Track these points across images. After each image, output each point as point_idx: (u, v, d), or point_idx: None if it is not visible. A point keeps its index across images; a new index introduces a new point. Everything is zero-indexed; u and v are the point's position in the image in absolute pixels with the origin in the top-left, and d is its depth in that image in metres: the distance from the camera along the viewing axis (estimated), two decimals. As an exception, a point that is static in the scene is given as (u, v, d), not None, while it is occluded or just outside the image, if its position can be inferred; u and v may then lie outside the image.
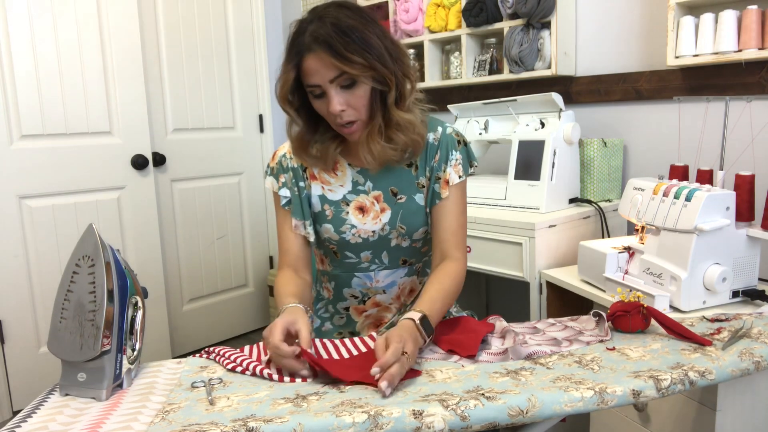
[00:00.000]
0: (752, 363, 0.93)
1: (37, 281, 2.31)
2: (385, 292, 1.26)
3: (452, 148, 1.19)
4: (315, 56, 1.02)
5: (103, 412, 0.85)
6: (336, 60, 1.01)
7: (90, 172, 2.41)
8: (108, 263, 0.90)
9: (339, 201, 1.20)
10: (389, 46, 1.07)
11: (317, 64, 1.03)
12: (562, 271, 1.65)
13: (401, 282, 1.26)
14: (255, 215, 3.08)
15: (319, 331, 1.32)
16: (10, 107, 2.19)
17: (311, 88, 1.06)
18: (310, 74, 1.04)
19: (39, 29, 2.23)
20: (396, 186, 1.20)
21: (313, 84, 1.05)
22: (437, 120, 1.23)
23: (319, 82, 1.04)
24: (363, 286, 1.25)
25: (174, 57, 2.68)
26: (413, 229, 1.21)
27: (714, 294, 1.27)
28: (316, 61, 1.02)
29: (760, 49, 1.53)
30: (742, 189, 1.30)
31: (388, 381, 0.85)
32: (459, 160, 1.19)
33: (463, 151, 1.20)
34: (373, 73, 1.05)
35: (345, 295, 1.27)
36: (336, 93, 1.05)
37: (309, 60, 1.03)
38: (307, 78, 1.05)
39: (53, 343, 0.89)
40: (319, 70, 1.03)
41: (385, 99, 1.09)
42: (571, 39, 2.03)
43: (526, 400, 0.81)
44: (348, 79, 1.04)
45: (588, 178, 1.91)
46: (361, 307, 1.28)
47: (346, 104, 1.06)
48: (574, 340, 1.04)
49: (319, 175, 1.21)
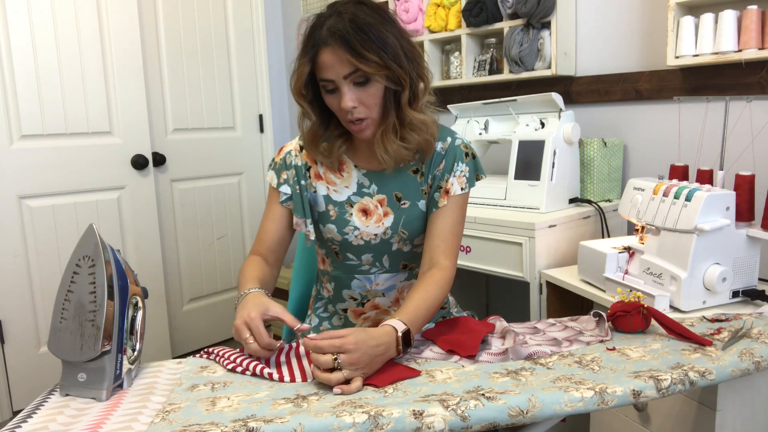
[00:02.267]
0: (752, 363, 0.93)
1: (37, 281, 2.31)
2: (385, 295, 1.26)
3: (459, 160, 1.18)
4: (331, 51, 1.03)
5: (103, 412, 0.85)
6: (351, 56, 1.01)
7: (90, 172, 2.41)
8: (108, 263, 0.90)
9: (343, 202, 1.20)
10: (405, 46, 1.07)
11: (332, 59, 1.03)
12: (562, 271, 1.65)
13: (401, 286, 1.26)
14: (255, 215, 3.08)
15: (317, 330, 1.31)
16: (10, 107, 2.19)
17: (324, 83, 1.07)
18: (325, 68, 1.05)
19: (39, 29, 2.23)
20: (400, 191, 1.20)
21: (326, 78, 1.06)
22: (448, 130, 1.22)
23: (333, 77, 1.05)
24: (362, 288, 1.25)
25: (174, 57, 2.68)
26: (414, 234, 1.21)
27: (714, 294, 1.27)
28: (331, 55, 1.03)
29: (760, 49, 1.53)
30: (742, 189, 1.30)
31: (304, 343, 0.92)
32: (464, 172, 1.18)
33: (470, 164, 1.20)
34: (388, 72, 1.05)
35: (344, 296, 1.27)
36: (349, 89, 1.05)
37: (324, 54, 1.03)
38: (322, 72, 1.06)
39: (53, 343, 0.89)
40: (333, 65, 1.03)
41: (398, 98, 1.09)
42: (571, 39, 2.03)
43: (527, 400, 0.81)
44: (362, 76, 1.04)
45: (588, 178, 1.91)
46: (359, 310, 1.28)
47: (358, 101, 1.06)
48: (574, 341, 1.04)
49: (325, 175, 1.21)
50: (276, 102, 3.21)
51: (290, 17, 3.20)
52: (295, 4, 3.15)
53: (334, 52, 1.02)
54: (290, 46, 3.23)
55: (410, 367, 0.95)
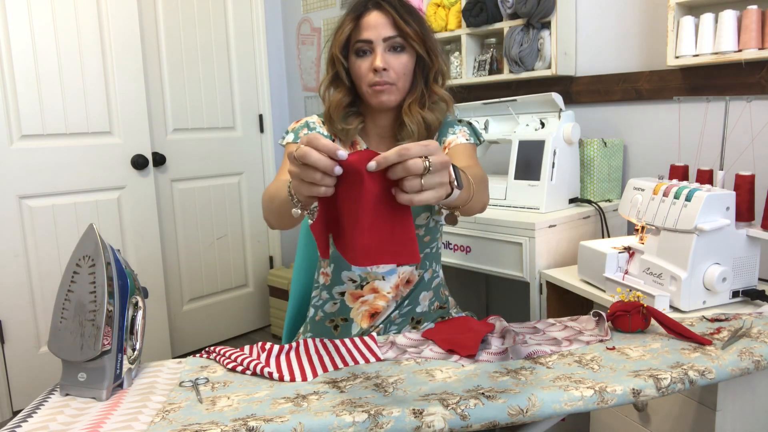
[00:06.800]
0: (752, 362, 0.93)
1: (37, 281, 2.32)
2: (385, 278, 1.27)
3: (453, 125, 1.27)
4: (379, 12, 1.13)
5: (103, 411, 0.85)
6: (399, 20, 1.12)
7: (90, 172, 2.41)
8: (108, 263, 0.90)
9: None
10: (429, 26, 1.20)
11: (379, 20, 1.12)
12: (562, 271, 1.65)
13: (401, 270, 1.27)
14: (255, 215, 3.08)
15: (312, 321, 1.32)
16: (10, 107, 2.20)
17: (361, 44, 1.14)
18: (368, 28, 1.13)
19: (39, 29, 2.23)
20: None
21: (365, 39, 1.13)
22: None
23: (373, 37, 1.13)
24: (363, 270, 1.27)
25: (174, 57, 2.68)
26: (417, 212, 1.24)
27: (714, 294, 1.27)
28: (379, 17, 1.13)
29: (760, 49, 1.53)
30: (742, 189, 1.30)
31: (378, 160, 0.69)
32: (464, 130, 1.26)
33: (466, 125, 1.29)
34: (423, 46, 1.15)
35: (343, 278, 1.28)
36: (383, 51, 1.14)
37: (372, 15, 1.13)
38: (363, 32, 1.13)
39: (53, 343, 0.89)
40: (377, 26, 1.12)
41: (426, 74, 1.19)
42: (571, 39, 2.03)
43: (526, 399, 0.81)
44: (400, 43, 1.14)
45: (588, 178, 1.91)
46: (357, 293, 1.28)
47: (389, 65, 1.14)
48: (574, 340, 1.04)
49: None
50: (276, 102, 3.21)
51: (290, 17, 3.21)
52: (295, 4, 3.15)
53: (383, 14, 1.13)
54: (290, 46, 3.24)
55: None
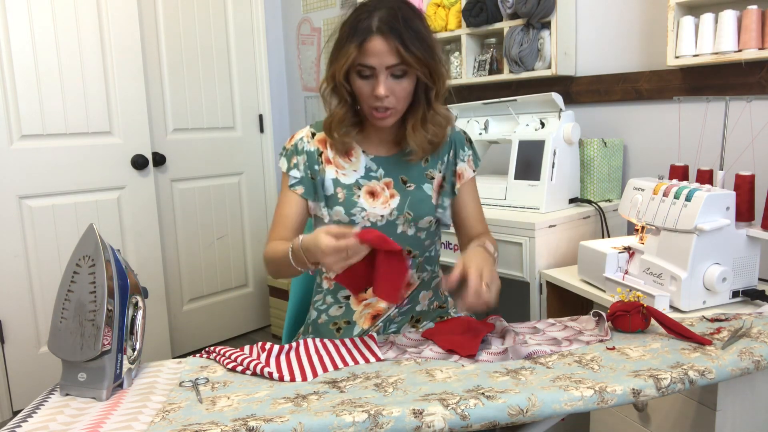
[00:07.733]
0: (752, 362, 0.93)
1: (37, 281, 2.31)
2: None
3: (464, 146, 1.31)
4: (382, 40, 1.08)
5: (103, 411, 0.85)
6: (402, 49, 1.08)
7: (90, 172, 2.41)
8: (108, 263, 0.90)
9: (351, 185, 1.24)
10: (434, 42, 1.15)
11: (382, 48, 1.08)
12: (562, 271, 1.65)
13: None
14: (255, 215, 3.08)
15: (315, 324, 1.32)
16: (10, 107, 2.19)
17: (363, 68, 1.12)
18: (370, 55, 1.09)
19: (39, 29, 2.23)
20: (406, 175, 1.26)
21: (367, 64, 1.10)
22: None
23: (376, 64, 1.10)
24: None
25: (174, 57, 2.68)
26: (419, 216, 1.25)
27: (714, 294, 1.27)
28: (381, 44, 1.08)
29: (760, 49, 1.53)
30: (742, 189, 1.30)
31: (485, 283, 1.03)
32: (470, 156, 1.32)
33: (472, 148, 1.33)
34: (425, 70, 1.12)
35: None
36: (386, 78, 1.11)
37: (374, 41, 1.08)
38: (365, 58, 1.10)
39: (53, 343, 0.89)
40: (380, 54, 1.09)
41: (427, 93, 1.17)
42: (571, 39, 2.03)
43: (526, 399, 0.81)
44: (402, 69, 1.10)
45: (588, 178, 1.91)
46: (362, 296, 1.28)
47: (391, 92, 1.12)
48: (574, 340, 1.04)
49: (334, 159, 1.25)
50: (276, 102, 3.21)
51: (290, 17, 3.21)
52: (295, 4, 3.16)
53: (385, 42, 1.08)
54: (290, 46, 3.24)
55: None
